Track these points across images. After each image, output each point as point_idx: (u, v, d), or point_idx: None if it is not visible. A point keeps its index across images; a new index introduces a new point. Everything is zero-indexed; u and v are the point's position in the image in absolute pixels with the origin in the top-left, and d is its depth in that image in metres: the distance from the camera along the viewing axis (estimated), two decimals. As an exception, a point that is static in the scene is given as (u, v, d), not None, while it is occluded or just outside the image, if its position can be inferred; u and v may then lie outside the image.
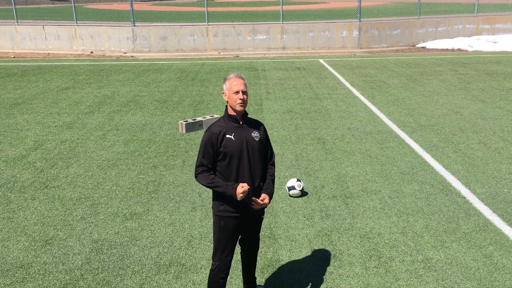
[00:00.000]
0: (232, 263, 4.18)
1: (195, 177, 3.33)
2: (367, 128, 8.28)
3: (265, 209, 5.29)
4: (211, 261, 4.24)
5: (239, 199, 3.23)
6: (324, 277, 4.07)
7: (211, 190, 5.74)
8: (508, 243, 4.55)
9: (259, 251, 4.45)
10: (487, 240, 4.62)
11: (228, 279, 4.05)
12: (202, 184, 3.32)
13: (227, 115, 3.35)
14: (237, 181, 3.29)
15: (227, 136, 3.27)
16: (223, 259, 3.41)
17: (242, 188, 3.21)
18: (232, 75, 3.31)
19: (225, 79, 3.33)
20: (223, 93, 3.34)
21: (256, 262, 3.78)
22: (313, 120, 8.80)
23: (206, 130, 3.33)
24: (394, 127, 8.35)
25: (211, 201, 3.46)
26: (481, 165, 6.53)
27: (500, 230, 4.80)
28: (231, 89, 3.26)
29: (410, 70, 14.10)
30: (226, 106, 3.37)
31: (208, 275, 4.08)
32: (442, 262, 4.25)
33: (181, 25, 18.83)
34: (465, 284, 3.94)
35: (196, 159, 3.33)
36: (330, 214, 5.17)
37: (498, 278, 4.01)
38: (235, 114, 3.32)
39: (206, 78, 13.21)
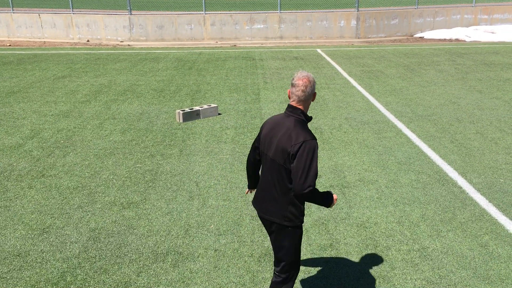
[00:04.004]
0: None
1: (311, 190, 2.83)
2: (365, 118, 8.29)
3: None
4: (205, 247, 4.26)
5: (329, 207, 3.07)
6: (320, 265, 4.09)
7: (209, 179, 5.77)
8: (503, 233, 4.58)
9: (257, 240, 4.47)
10: (482, 229, 4.65)
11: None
12: (310, 199, 2.90)
13: (308, 119, 3.01)
14: None
15: None
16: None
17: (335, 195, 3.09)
18: (312, 75, 3.03)
19: (314, 82, 3.01)
20: (314, 94, 3.02)
21: None
22: (311, 110, 8.79)
23: (310, 139, 2.86)
24: (391, 117, 8.35)
25: (283, 216, 3.00)
26: (477, 155, 6.55)
27: (496, 219, 4.83)
28: (315, 94, 3.04)
29: (407, 60, 14.08)
30: (303, 111, 3.00)
31: (205, 262, 4.10)
32: (438, 251, 4.28)
33: (178, 14, 18.72)
34: (461, 273, 3.97)
35: (307, 169, 2.82)
36: (327, 203, 5.19)
37: (494, 267, 4.05)
38: None
39: (203, 68, 13.16)
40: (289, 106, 3.02)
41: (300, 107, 2.99)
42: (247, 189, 3.52)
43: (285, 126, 2.97)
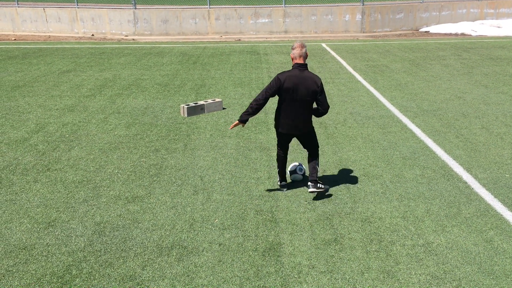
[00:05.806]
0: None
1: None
2: (369, 113, 8.26)
3: (268, 193, 5.32)
4: (210, 242, 4.27)
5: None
6: (325, 260, 4.10)
7: (213, 174, 5.80)
8: (509, 228, 4.57)
9: (261, 234, 4.48)
10: (488, 225, 4.64)
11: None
12: (325, 113, 4.98)
13: None
14: None
15: None
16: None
17: None
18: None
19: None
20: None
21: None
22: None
23: (321, 79, 4.82)
24: (396, 112, 8.32)
25: (311, 127, 5.09)
26: (483, 150, 6.53)
27: (501, 215, 4.81)
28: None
29: (413, 55, 14.01)
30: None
31: (210, 256, 4.12)
32: (443, 247, 4.27)
33: (183, 8, 18.69)
34: (466, 268, 3.96)
35: (326, 98, 5.09)
36: (331, 198, 5.19)
37: (499, 263, 4.04)
38: None
39: (207, 62, 13.15)
40: (300, 64, 4.82)
41: (305, 62, 4.79)
42: (239, 123, 4.98)
43: (306, 77, 4.79)
